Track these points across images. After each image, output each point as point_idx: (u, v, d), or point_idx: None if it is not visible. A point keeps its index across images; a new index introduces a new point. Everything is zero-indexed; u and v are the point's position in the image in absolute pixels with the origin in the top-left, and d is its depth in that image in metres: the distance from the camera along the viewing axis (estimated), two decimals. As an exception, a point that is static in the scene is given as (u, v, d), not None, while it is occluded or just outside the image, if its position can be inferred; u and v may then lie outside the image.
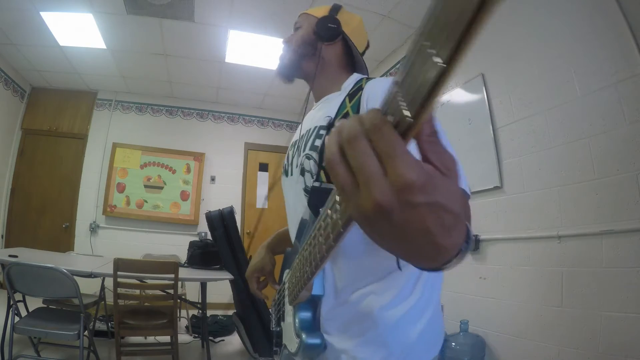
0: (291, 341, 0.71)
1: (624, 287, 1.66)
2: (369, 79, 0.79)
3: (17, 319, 2.06)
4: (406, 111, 0.24)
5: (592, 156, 1.85)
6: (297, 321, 0.68)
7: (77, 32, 3.58)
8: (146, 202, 4.75)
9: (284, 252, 0.85)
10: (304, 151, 0.77)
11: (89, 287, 2.84)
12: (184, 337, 3.23)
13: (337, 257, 0.70)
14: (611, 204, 1.75)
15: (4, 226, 4.37)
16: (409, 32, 3.37)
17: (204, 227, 3.70)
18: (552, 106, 2.07)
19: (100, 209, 4.64)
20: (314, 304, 0.70)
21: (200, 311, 3.05)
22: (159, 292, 2.43)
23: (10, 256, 2.20)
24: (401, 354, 0.64)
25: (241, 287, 2.82)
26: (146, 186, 4.79)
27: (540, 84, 2.16)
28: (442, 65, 0.20)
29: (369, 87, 0.73)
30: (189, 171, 4.94)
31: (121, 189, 4.72)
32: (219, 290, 3.99)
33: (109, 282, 2.33)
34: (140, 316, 2.42)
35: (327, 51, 0.85)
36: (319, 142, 0.73)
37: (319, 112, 0.83)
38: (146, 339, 2.85)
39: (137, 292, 2.35)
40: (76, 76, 4.54)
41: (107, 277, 2.32)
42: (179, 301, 2.78)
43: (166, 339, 2.46)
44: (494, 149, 2.43)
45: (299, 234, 0.74)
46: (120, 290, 2.25)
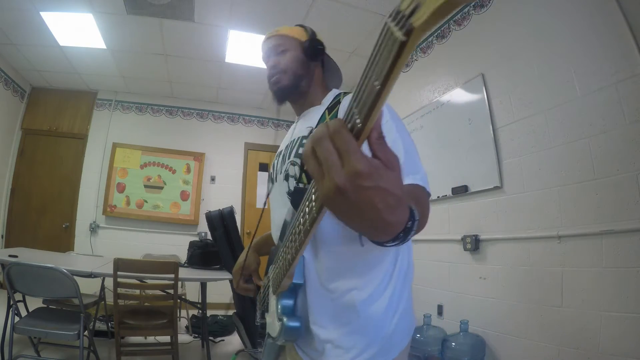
0: (273, 327, 0.78)
1: (624, 287, 1.66)
2: (346, 93, 0.89)
3: (17, 319, 2.06)
4: (358, 119, 0.33)
5: (592, 156, 1.85)
6: (279, 307, 0.75)
7: (77, 32, 3.58)
8: (146, 202, 4.75)
9: (269, 252, 0.92)
10: (289, 158, 0.86)
11: (89, 287, 2.84)
12: (184, 337, 3.24)
13: (322, 252, 0.76)
14: (611, 204, 1.75)
15: (4, 226, 4.37)
16: (409, 32, 3.36)
17: (204, 227, 3.70)
18: (552, 106, 2.07)
19: (100, 209, 4.64)
20: (295, 292, 0.77)
21: (200, 311, 3.05)
22: (159, 292, 2.43)
23: (10, 256, 2.20)
24: (382, 340, 0.72)
25: (241, 287, 2.81)
26: (146, 186, 4.79)
27: (540, 84, 2.16)
28: (379, 87, 0.30)
29: (344, 101, 0.83)
30: (189, 171, 4.94)
31: (121, 189, 4.72)
32: (219, 290, 3.99)
33: (109, 282, 2.33)
34: (140, 316, 2.42)
35: (315, 70, 0.95)
36: (302, 150, 0.78)
37: (301, 125, 0.92)
38: (146, 339, 2.85)
39: (137, 292, 2.35)
40: (76, 76, 4.54)
41: (107, 277, 2.31)
42: (179, 301, 2.78)
43: (166, 339, 2.46)
44: (494, 149, 2.43)
45: (282, 235, 0.80)
46: (120, 290, 2.25)
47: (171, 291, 2.36)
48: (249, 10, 3.19)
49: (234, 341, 3.38)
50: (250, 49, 3.79)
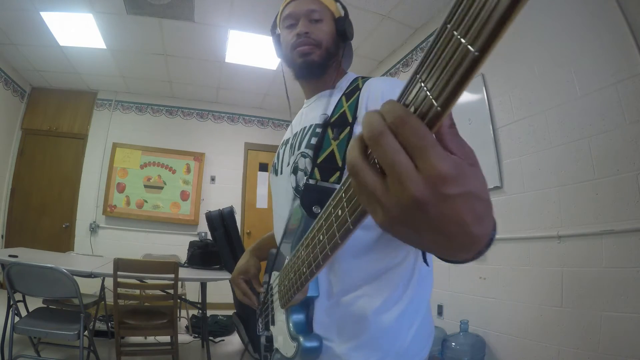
0: (286, 346, 0.68)
1: (624, 287, 1.66)
2: (364, 78, 0.77)
3: (17, 319, 2.06)
4: (435, 101, 0.24)
5: (592, 156, 1.85)
6: (291, 325, 0.66)
7: (77, 32, 3.58)
8: (146, 202, 4.75)
9: (265, 258, 0.84)
10: (299, 149, 0.75)
11: (89, 287, 2.84)
12: (184, 337, 3.23)
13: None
14: (611, 204, 1.75)
15: (4, 226, 4.37)
16: (408, 32, 3.37)
17: (204, 227, 3.69)
18: (552, 106, 2.07)
19: (100, 209, 4.64)
20: (307, 306, 0.68)
21: (200, 311, 3.05)
22: (159, 292, 2.43)
23: (10, 256, 2.20)
24: (395, 356, 0.63)
25: (241, 287, 2.81)
26: (146, 186, 4.79)
27: (540, 84, 2.16)
28: (476, 53, 0.21)
29: (367, 87, 0.72)
30: (189, 171, 4.94)
31: (121, 189, 4.72)
32: (219, 290, 3.99)
33: (109, 282, 2.33)
34: (140, 316, 2.42)
35: (339, 51, 0.83)
36: (314, 140, 0.72)
37: (313, 111, 0.81)
38: (146, 339, 2.85)
39: (137, 292, 2.35)
40: (76, 76, 4.54)
41: (107, 277, 2.31)
42: (179, 301, 2.78)
43: (166, 339, 2.46)
44: (494, 149, 2.43)
45: (287, 235, 0.72)
46: (120, 290, 2.25)
47: (171, 291, 2.36)
48: (249, 10, 3.19)
49: (234, 341, 3.38)
50: (250, 49, 3.79)
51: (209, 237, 3.31)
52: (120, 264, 2.22)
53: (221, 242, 2.95)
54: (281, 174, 0.81)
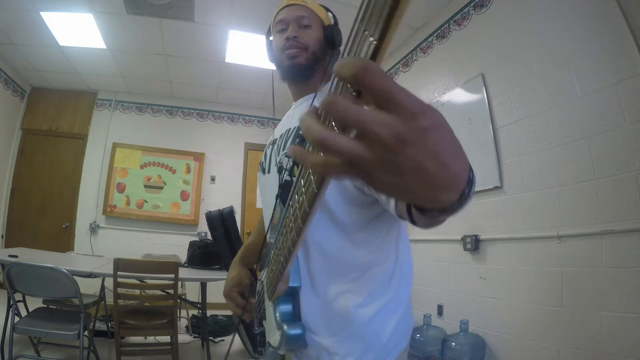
0: (273, 336, 0.73)
1: (624, 287, 1.66)
2: None
3: (17, 319, 2.06)
4: (371, 37, 0.25)
5: (592, 156, 1.85)
6: (277, 315, 0.70)
7: (77, 32, 3.58)
8: (146, 202, 4.75)
9: (256, 262, 0.86)
10: (284, 149, 0.80)
11: (89, 287, 2.84)
12: (184, 337, 3.23)
13: (313, 253, 0.72)
14: (611, 204, 1.75)
15: (4, 226, 4.37)
16: (408, 32, 3.37)
17: (204, 227, 3.70)
18: (552, 106, 2.07)
19: (100, 209, 4.64)
20: (292, 296, 0.72)
21: (200, 311, 3.05)
22: (159, 292, 2.43)
23: (10, 256, 2.20)
24: (378, 346, 0.68)
25: (241, 287, 2.81)
26: (146, 186, 4.79)
27: (540, 84, 2.16)
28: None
29: None
30: (189, 171, 4.94)
31: (121, 189, 4.72)
32: (219, 290, 3.94)
33: (109, 282, 2.33)
34: (140, 316, 2.42)
35: (326, 58, 0.87)
36: (297, 142, 0.74)
37: (298, 113, 0.84)
38: (146, 339, 2.84)
39: (137, 292, 2.35)
40: (76, 76, 4.54)
41: (107, 277, 2.32)
42: (179, 301, 2.78)
43: (166, 339, 2.46)
44: (494, 149, 2.43)
45: (271, 231, 0.75)
46: (120, 290, 2.25)
47: (171, 291, 2.36)
48: (249, 10, 3.19)
49: (234, 341, 3.38)
50: (250, 49, 3.79)
51: (209, 237, 3.32)
52: (120, 264, 2.22)
53: (221, 242, 2.95)
54: (268, 172, 0.86)
